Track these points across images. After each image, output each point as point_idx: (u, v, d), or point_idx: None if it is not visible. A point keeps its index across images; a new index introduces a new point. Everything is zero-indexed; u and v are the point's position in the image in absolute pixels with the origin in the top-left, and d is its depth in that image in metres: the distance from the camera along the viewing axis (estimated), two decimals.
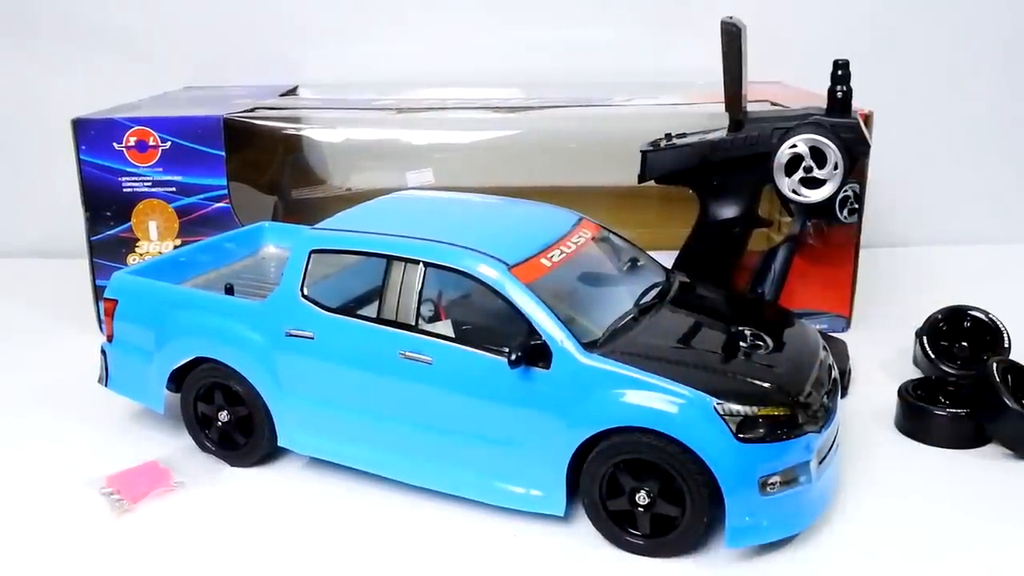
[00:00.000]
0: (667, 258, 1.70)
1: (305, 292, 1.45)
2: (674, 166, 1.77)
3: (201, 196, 1.97)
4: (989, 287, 2.18)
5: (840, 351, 1.80)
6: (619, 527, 1.31)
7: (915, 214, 2.60)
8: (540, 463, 1.32)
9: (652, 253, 1.60)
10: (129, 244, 1.99)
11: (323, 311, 1.43)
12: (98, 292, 1.98)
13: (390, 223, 1.47)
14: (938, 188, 2.61)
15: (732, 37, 1.64)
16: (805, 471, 1.27)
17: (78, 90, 2.33)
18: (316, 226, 1.50)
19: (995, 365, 1.55)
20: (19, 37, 2.55)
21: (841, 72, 1.68)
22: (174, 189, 1.96)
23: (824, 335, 1.62)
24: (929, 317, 1.83)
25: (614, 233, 1.59)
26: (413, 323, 1.37)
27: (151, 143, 1.94)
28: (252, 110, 2.05)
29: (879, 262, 2.27)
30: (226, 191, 1.97)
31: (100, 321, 1.97)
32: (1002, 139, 2.62)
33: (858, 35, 2.46)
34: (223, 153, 1.95)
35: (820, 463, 1.30)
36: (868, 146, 1.70)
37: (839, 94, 1.68)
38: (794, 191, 1.69)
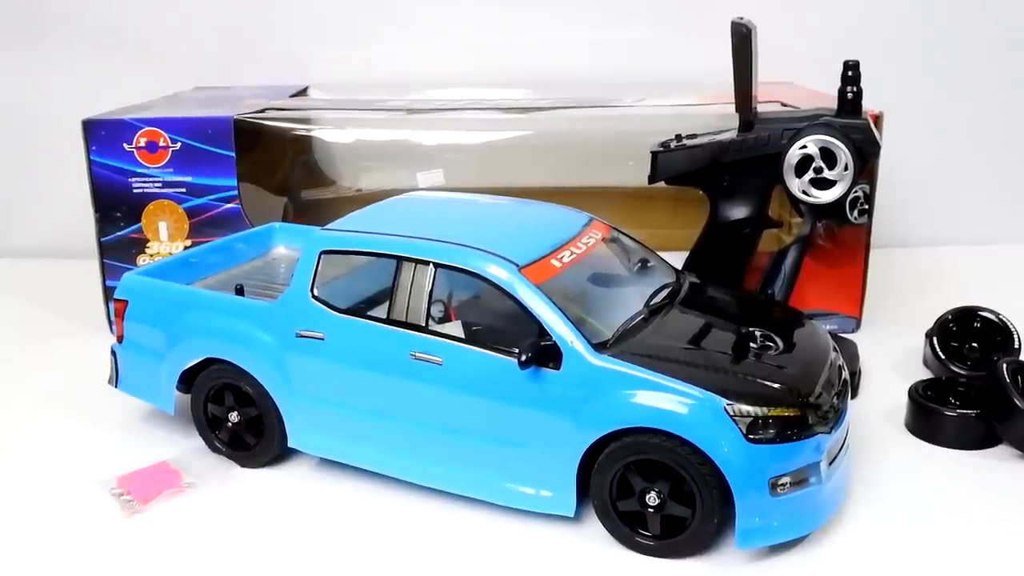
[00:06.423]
0: (677, 259, 1.70)
1: (315, 293, 1.45)
2: (685, 167, 1.77)
3: (211, 197, 1.97)
4: (999, 288, 2.18)
5: (850, 352, 1.80)
6: (629, 528, 1.31)
7: (925, 215, 2.60)
8: (550, 464, 1.32)
9: (662, 254, 1.60)
10: (139, 245, 1.99)
11: (333, 312, 1.43)
12: (108, 293, 1.99)
13: (400, 224, 1.47)
14: (948, 188, 2.61)
15: (742, 38, 1.64)
16: (815, 472, 1.27)
17: (88, 91, 2.33)
18: (326, 227, 1.50)
19: (1005, 366, 1.55)
20: (29, 38, 2.55)
21: (851, 73, 1.68)
22: (184, 190, 1.97)
23: (834, 336, 1.62)
24: (939, 318, 1.83)
25: (624, 234, 1.59)
26: (423, 324, 1.37)
27: (161, 144, 1.94)
28: (262, 111, 2.05)
29: (889, 263, 2.27)
30: (236, 192, 1.97)
31: (110, 322, 1.98)
32: (1012, 139, 2.62)
33: (868, 36, 2.46)
34: (233, 154, 1.95)
35: (830, 464, 1.30)
36: (878, 147, 1.70)
37: (849, 95, 1.68)
38: (804, 192, 1.69)
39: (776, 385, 1.27)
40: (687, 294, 1.50)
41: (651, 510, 1.28)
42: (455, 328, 1.37)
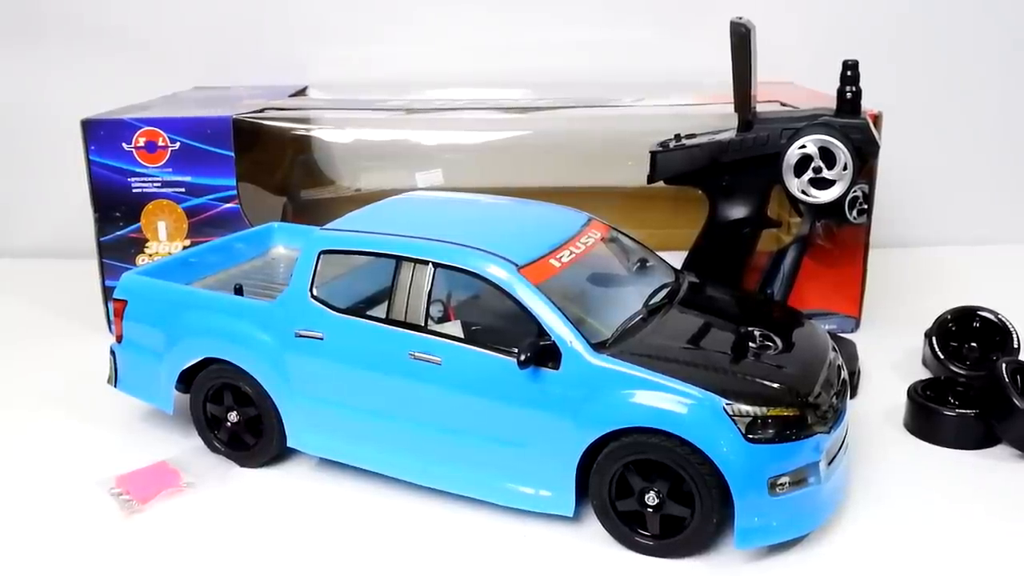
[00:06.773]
0: (677, 259, 1.70)
1: (315, 293, 1.45)
2: (684, 167, 1.77)
3: (210, 197, 1.97)
4: (998, 287, 2.18)
5: (849, 352, 1.80)
6: (628, 528, 1.31)
7: (924, 214, 2.60)
8: (549, 464, 1.32)
9: (662, 254, 1.60)
10: (138, 244, 1.99)
11: (333, 312, 1.43)
12: (107, 293, 1.99)
13: (399, 224, 1.47)
14: (947, 188, 2.61)
15: (742, 38, 1.64)
16: (814, 472, 1.27)
17: (87, 90, 2.33)
18: (325, 227, 1.50)
19: (1004, 366, 1.55)
20: (29, 38, 2.55)
21: (850, 73, 1.68)
22: (183, 190, 1.97)
23: (833, 336, 1.62)
24: (938, 317, 1.83)
25: (623, 234, 1.59)
26: (422, 324, 1.37)
27: (160, 143, 1.94)
28: (262, 110, 2.05)
29: (888, 262, 2.27)
30: (235, 192, 1.97)
31: (110, 322, 1.98)
32: (1011, 139, 2.62)
33: (868, 36, 2.46)
34: (232, 154, 1.95)
35: (829, 464, 1.30)
36: (877, 147, 1.70)
37: (848, 95, 1.68)
38: (803, 191, 1.69)
39: (775, 385, 1.27)
40: (686, 294, 1.50)
41: (650, 510, 1.28)
42: (454, 328, 1.37)
